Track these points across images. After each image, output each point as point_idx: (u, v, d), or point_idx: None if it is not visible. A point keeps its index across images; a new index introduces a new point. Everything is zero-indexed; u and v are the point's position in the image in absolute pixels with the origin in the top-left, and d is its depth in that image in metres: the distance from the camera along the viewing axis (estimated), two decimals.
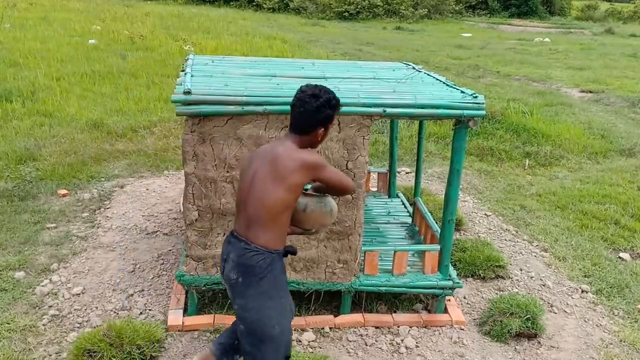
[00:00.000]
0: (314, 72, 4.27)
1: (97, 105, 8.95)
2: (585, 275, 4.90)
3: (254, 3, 28.95)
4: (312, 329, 3.91)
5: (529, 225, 5.81)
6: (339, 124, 3.54)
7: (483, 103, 3.61)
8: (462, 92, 3.76)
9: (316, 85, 2.80)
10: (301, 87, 2.80)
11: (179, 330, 3.81)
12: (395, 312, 4.15)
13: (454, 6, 30.71)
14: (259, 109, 3.45)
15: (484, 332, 4.01)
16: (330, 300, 4.09)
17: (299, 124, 2.78)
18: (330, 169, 2.82)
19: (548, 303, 4.44)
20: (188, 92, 3.39)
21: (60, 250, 4.79)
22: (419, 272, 4.05)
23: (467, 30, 25.00)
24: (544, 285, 4.68)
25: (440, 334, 3.98)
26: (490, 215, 5.99)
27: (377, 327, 3.99)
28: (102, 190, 6.05)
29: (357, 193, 3.68)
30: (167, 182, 6.42)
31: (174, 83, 4.74)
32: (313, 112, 2.73)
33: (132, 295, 4.21)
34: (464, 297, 4.44)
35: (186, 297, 3.98)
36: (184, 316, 3.89)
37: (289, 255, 3.01)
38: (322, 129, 2.80)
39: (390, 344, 3.85)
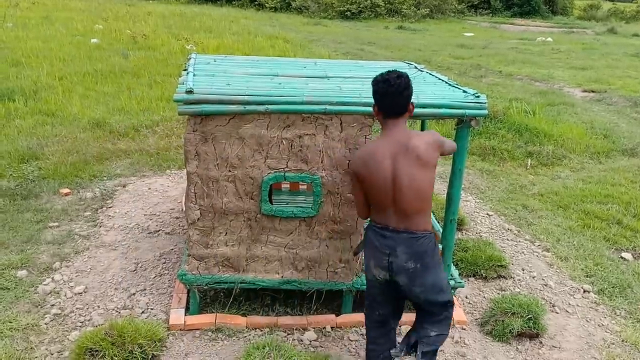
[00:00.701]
0: (316, 71, 4.27)
1: (99, 104, 8.96)
2: (587, 275, 4.89)
3: (256, 2, 28.96)
4: (314, 328, 3.91)
5: (531, 225, 5.80)
6: (340, 124, 3.54)
7: (485, 102, 3.61)
8: (464, 91, 3.76)
9: (388, 70, 3.02)
10: (381, 76, 2.99)
11: (180, 330, 3.81)
12: None
13: (456, 5, 30.69)
14: (261, 108, 3.45)
15: (486, 331, 4.01)
16: (331, 300, 4.09)
17: (398, 106, 2.99)
18: (445, 139, 3.18)
19: (550, 303, 4.43)
20: (190, 92, 3.39)
21: (62, 249, 4.80)
22: None
23: (470, 30, 24.98)
24: (545, 285, 4.67)
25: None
26: (492, 215, 5.98)
27: None
28: (105, 190, 6.05)
29: None
30: (170, 181, 6.43)
31: (176, 82, 4.75)
32: (406, 89, 2.97)
33: (134, 294, 4.22)
34: (466, 297, 4.44)
35: (188, 296, 3.98)
36: (185, 315, 3.90)
37: (291, 255, 3.09)
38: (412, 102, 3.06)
39: None
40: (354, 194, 3.23)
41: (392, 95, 2.97)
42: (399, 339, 3.88)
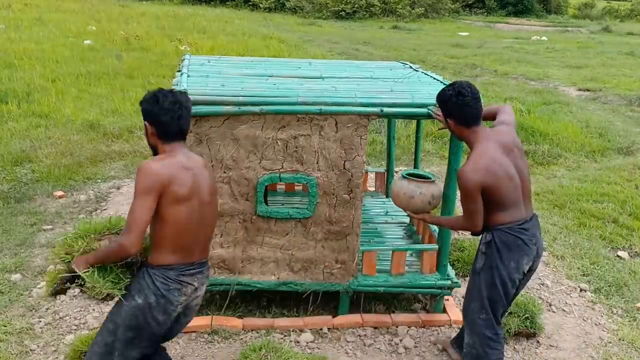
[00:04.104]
0: (310, 72, 4.25)
1: (92, 106, 8.92)
2: (583, 274, 4.89)
3: (250, 3, 28.88)
4: (311, 329, 3.90)
5: None
6: (336, 124, 3.52)
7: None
8: None
9: (452, 83, 3.15)
10: (460, 86, 3.06)
11: None
12: (393, 312, 4.14)
13: (450, 5, 30.70)
14: (256, 109, 3.44)
15: None
16: (328, 301, 4.07)
17: (480, 112, 3.12)
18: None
19: (547, 302, 4.43)
20: (184, 93, 3.36)
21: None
22: (417, 272, 4.03)
23: (464, 29, 25.00)
24: (542, 284, 4.67)
25: (439, 333, 3.97)
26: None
27: (375, 328, 3.98)
28: (99, 192, 6.02)
29: (355, 193, 3.67)
30: None
31: (170, 83, 4.72)
32: (478, 93, 3.12)
33: None
34: (463, 297, 4.42)
35: None
36: None
37: (287, 257, 3.07)
38: None
39: (388, 344, 3.84)
40: (476, 210, 3.07)
41: (476, 103, 3.07)
42: (402, 342, 3.88)
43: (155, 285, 2.60)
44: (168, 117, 2.61)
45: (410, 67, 4.68)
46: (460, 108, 3.04)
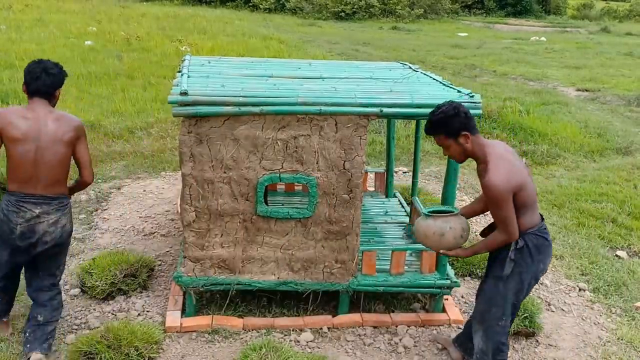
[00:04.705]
0: (310, 72, 4.27)
1: (93, 106, 8.93)
2: (582, 274, 4.91)
3: (250, 3, 28.89)
4: (311, 329, 3.91)
5: None
6: (335, 124, 3.54)
7: (479, 102, 3.62)
8: (458, 91, 3.77)
9: (442, 103, 3.12)
10: (449, 103, 3.07)
11: (177, 332, 3.80)
12: (393, 311, 4.15)
13: (450, 6, 30.72)
14: (256, 109, 3.45)
15: None
16: (328, 301, 4.09)
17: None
18: None
19: (546, 301, 4.45)
20: (184, 93, 3.39)
21: None
22: (416, 272, 4.05)
23: (463, 30, 25.02)
24: (541, 284, 4.68)
25: (438, 333, 3.99)
26: (487, 215, 5.98)
27: (375, 327, 3.99)
28: (99, 192, 6.03)
29: (355, 193, 3.68)
30: (164, 183, 6.41)
31: (170, 84, 4.73)
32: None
33: (130, 296, 4.20)
34: (462, 297, 4.45)
35: (184, 298, 3.97)
36: (182, 317, 3.89)
37: (287, 256, 3.06)
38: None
39: (388, 343, 3.86)
40: (512, 217, 3.02)
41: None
42: (399, 341, 3.90)
43: (1, 206, 3.36)
44: (29, 77, 3.37)
45: (410, 68, 4.70)
46: (468, 115, 3.04)
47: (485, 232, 3.37)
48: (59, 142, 3.35)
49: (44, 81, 3.37)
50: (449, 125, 3.03)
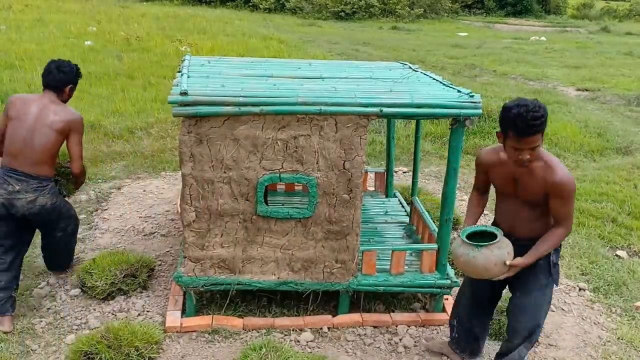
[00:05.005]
0: (310, 72, 4.27)
1: (93, 106, 8.93)
2: (582, 273, 4.91)
3: (250, 3, 28.89)
4: (311, 329, 3.92)
5: None
6: (335, 124, 3.54)
7: (479, 102, 3.62)
8: (458, 91, 3.77)
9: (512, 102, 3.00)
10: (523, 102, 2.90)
11: (177, 332, 3.81)
12: (393, 311, 4.15)
13: (450, 5, 30.73)
14: (256, 109, 3.45)
15: None
16: (328, 300, 4.09)
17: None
18: None
19: None
20: (184, 93, 3.39)
21: None
22: (416, 272, 4.05)
23: (463, 30, 25.02)
24: None
25: (438, 333, 3.99)
26: (487, 214, 5.99)
27: (375, 327, 3.99)
28: (99, 192, 6.03)
29: (355, 193, 3.68)
30: (164, 183, 6.41)
31: (170, 84, 4.73)
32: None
33: (130, 296, 4.20)
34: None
35: (184, 298, 3.98)
36: (182, 317, 3.89)
37: (287, 256, 3.01)
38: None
39: (388, 343, 3.86)
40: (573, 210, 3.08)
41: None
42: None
43: None
44: (44, 72, 3.92)
45: (410, 68, 4.70)
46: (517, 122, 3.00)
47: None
48: (48, 127, 3.77)
49: (54, 76, 3.90)
50: (543, 124, 2.84)
